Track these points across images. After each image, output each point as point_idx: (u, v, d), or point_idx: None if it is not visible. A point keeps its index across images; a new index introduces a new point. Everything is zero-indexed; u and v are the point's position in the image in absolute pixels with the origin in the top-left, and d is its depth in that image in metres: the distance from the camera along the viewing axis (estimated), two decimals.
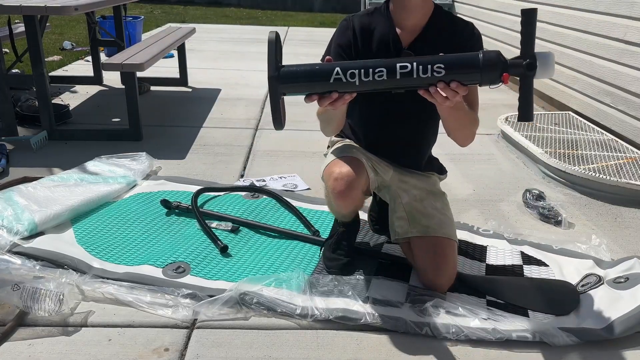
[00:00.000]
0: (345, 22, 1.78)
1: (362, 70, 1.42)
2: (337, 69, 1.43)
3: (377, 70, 1.42)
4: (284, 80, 1.48)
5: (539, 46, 4.86)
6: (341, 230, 1.94)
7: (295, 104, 4.30)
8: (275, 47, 1.46)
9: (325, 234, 2.15)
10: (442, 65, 1.40)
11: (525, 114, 1.47)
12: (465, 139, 1.76)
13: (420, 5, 1.68)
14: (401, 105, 1.77)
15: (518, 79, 1.47)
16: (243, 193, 2.55)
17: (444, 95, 1.42)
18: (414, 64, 1.41)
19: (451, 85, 1.41)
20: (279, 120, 1.53)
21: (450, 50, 1.69)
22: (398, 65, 1.42)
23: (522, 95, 1.46)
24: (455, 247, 1.81)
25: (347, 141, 1.91)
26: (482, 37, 1.77)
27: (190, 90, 4.53)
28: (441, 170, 2.02)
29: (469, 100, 1.71)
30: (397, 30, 1.73)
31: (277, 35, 1.49)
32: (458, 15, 6.66)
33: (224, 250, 2.01)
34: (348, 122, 1.91)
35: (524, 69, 1.42)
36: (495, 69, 1.41)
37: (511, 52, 4.79)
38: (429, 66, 1.41)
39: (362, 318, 1.64)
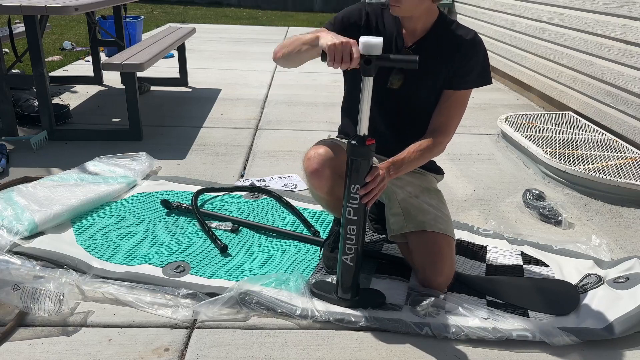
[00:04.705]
0: (359, 5, 1.80)
1: None
2: None
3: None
4: None
5: (539, 46, 4.83)
6: (338, 229, 1.94)
7: (295, 104, 4.28)
8: None
9: (325, 234, 2.15)
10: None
11: None
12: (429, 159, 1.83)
13: (421, 15, 1.70)
14: (394, 104, 1.78)
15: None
16: (243, 193, 2.55)
17: (369, 196, 1.56)
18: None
19: (360, 194, 1.56)
20: None
21: (449, 57, 1.71)
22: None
23: None
24: (453, 244, 1.80)
25: (344, 140, 1.91)
26: (483, 37, 1.78)
27: (190, 90, 4.53)
28: (438, 171, 2.02)
29: (442, 118, 1.75)
30: (403, 30, 1.75)
31: None
32: (459, 15, 6.63)
33: (223, 250, 2.01)
34: (347, 119, 1.92)
35: None
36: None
37: (511, 51, 4.81)
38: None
39: (362, 321, 1.64)
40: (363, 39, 1.44)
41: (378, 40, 1.43)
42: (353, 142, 1.53)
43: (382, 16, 1.78)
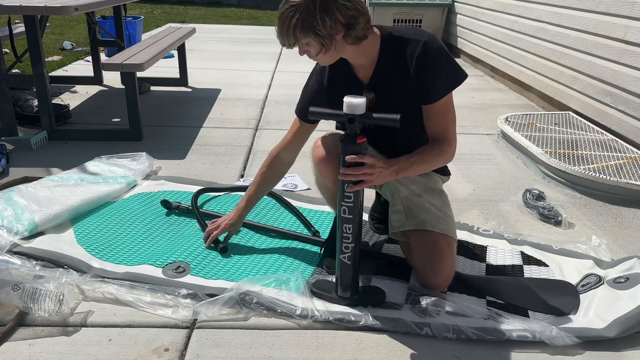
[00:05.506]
0: (313, 78, 1.84)
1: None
2: None
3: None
4: None
5: (539, 46, 4.82)
6: None
7: (295, 104, 4.27)
8: None
9: (325, 234, 2.15)
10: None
11: None
12: (437, 167, 1.81)
13: (357, 52, 1.64)
14: (375, 135, 1.76)
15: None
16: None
17: (354, 175, 1.53)
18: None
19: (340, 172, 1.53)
20: None
21: (407, 77, 1.65)
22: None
23: None
24: (454, 245, 1.79)
25: None
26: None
27: (190, 90, 4.53)
28: (444, 172, 2.01)
29: (437, 128, 1.70)
30: (355, 71, 1.72)
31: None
32: (459, 15, 6.60)
33: (223, 250, 2.01)
34: None
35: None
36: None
37: (511, 51, 4.81)
38: None
39: (362, 320, 1.64)
40: (347, 99, 1.49)
41: (360, 101, 1.49)
42: (343, 140, 1.54)
43: (332, 69, 1.74)
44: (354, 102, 1.49)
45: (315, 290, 1.75)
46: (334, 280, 1.78)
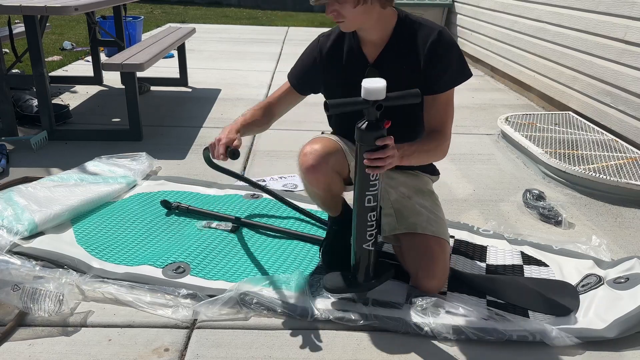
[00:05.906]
0: (314, 44, 1.81)
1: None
2: None
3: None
4: None
5: (539, 46, 4.81)
6: (335, 229, 1.93)
7: (297, 104, 4.23)
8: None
9: (324, 233, 2.15)
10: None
11: None
12: (432, 161, 1.80)
13: (375, 25, 1.63)
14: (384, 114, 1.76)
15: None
16: (243, 193, 2.55)
17: (376, 162, 1.46)
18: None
19: (365, 158, 1.46)
20: None
21: (416, 63, 1.64)
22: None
23: None
24: (446, 246, 1.77)
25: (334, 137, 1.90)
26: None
27: (190, 90, 4.53)
28: (433, 172, 2.00)
29: (436, 121, 1.69)
30: (362, 47, 1.70)
31: None
32: (459, 15, 6.59)
33: (234, 155, 1.81)
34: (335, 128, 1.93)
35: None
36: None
37: (511, 51, 4.81)
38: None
39: (362, 319, 1.64)
40: (367, 84, 1.41)
41: (382, 84, 1.42)
42: (368, 128, 1.45)
43: (337, 39, 1.73)
44: (379, 87, 1.40)
45: (329, 286, 1.68)
46: (340, 274, 1.74)
